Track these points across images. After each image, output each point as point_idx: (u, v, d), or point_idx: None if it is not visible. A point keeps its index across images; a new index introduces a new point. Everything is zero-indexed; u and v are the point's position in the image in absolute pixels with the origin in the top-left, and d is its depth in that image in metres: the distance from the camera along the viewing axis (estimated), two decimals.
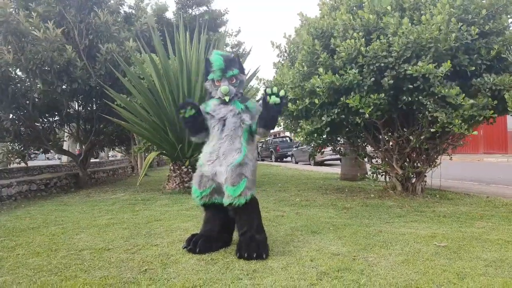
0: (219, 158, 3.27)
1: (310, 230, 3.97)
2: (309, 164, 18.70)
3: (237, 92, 3.39)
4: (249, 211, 3.22)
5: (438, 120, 5.01)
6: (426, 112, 5.14)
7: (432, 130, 5.32)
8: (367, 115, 5.19)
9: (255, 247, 3.04)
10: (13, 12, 7.85)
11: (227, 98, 3.29)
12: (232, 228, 3.50)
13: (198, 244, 3.22)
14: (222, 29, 21.03)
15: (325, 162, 18.07)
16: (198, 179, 3.38)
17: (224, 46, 15.71)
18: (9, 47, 7.85)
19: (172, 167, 8.27)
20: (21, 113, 8.94)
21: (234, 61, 3.38)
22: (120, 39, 9.30)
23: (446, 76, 4.85)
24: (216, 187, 3.34)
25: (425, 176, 6.46)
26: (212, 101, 3.43)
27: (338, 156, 9.16)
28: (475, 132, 5.21)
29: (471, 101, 4.75)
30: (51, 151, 10.87)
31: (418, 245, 3.32)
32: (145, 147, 9.92)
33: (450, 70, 4.77)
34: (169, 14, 19.78)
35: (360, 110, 5.19)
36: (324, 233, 3.84)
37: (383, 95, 5.10)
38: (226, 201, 3.21)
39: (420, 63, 4.79)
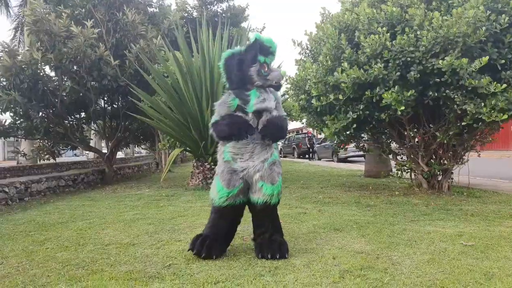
0: (252, 155, 3.01)
1: (332, 228, 3.95)
2: (332, 161, 18.56)
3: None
4: (272, 210, 3.14)
5: (468, 112, 4.87)
6: (455, 106, 5.00)
7: (463, 123, 5.17)
8: (399, 112, 5.10)
9: (277, 247, 2.99)
10: (44, 12, 8.10)
11: (282, 83, 3.03)
12: (233, 234, 3.28)
13: (209, 246, 2.98)
14: (243, 25, 21.03)
15: (349, 159, 17.89)
16: (228, 176, 2.99)
17: (247, 42, 15.66)
18: (40, 45, 8.08)
19: (195, 164, 8.36)
20: (50, 111, 9.20)
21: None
22: (147, 38, 9.45)
23: (476, 70, 4.72)
24: (243, 187, 3.03)
25: (452, 173, 6.31)
26: (253, 100, 2.98)
27: (361, 152, 9.04)
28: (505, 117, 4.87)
29: (504, 85, 4.57)
30: (79, 147, 11.16)
31: (444, 244, 3.25)
32: (169, 144, 10.06)
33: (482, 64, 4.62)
34: (194, 12, 19.95)
35: (393, 107, 5.09)
36: (347, 231, 3.81)
37: (413, 91, 4.99)
38: (260, 199, 2.98)
39: (448, 58, 4.67)
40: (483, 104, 4.72)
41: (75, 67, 8.51)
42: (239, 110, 3.02)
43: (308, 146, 22.25)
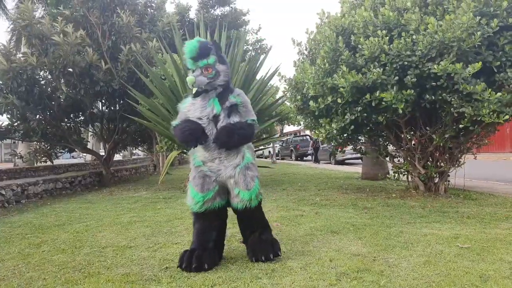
0: (221, 160, 2.94)
1: (329, 230, 3.95)
2: (330, 163, 18.58)
3: (214, 85, 2.92)
4: (256, 211, 3.06)
5: (466, 115, 4.89)
6: (451, 109, 5.03)
7: (460, 126, 5.19)
8: (400, 111, 5.11)
9: (270, 247, 2.97)
10: (37, 15, 8.08)
11: (193, 90, 2.88)
12: (223, 242, 3.16)
13: (199, 257, 2.81)
14: (243, 29, 21.07)
15: (346, 161, 17.91)
16: (200, 180, 2.93)
17: (245, 45, 15.67)
18: (33, 49, 8.07)
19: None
20: (47, 114, 9.18)
21: (211, 49, 2.93)
22: (142, 40, 9.45)
23: (470, 75, 4.74)
24: (219, 189, 2.99)
25: (449, 175, 6.33)
26: (188, 101, 3.04)
27: (359, 155, 9.05)
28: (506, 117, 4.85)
29: (499, 94, 4.60)
30: (76, 150, 11.14)
31: (440, 246, 3.26)
32: (167, 146, 10.05)
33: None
34: (192, 15, 19.97)
35: (393, 106, 5.11)
36: (344, 233, 3.82)
37: (412, 91, 5.02)
38: (240, 205, 2.95)
39: (443, 62, 4.70)
40: (481, 106, 4.74)
41: (69, 69, 8.48)
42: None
43: (313, 148, 21.83)
